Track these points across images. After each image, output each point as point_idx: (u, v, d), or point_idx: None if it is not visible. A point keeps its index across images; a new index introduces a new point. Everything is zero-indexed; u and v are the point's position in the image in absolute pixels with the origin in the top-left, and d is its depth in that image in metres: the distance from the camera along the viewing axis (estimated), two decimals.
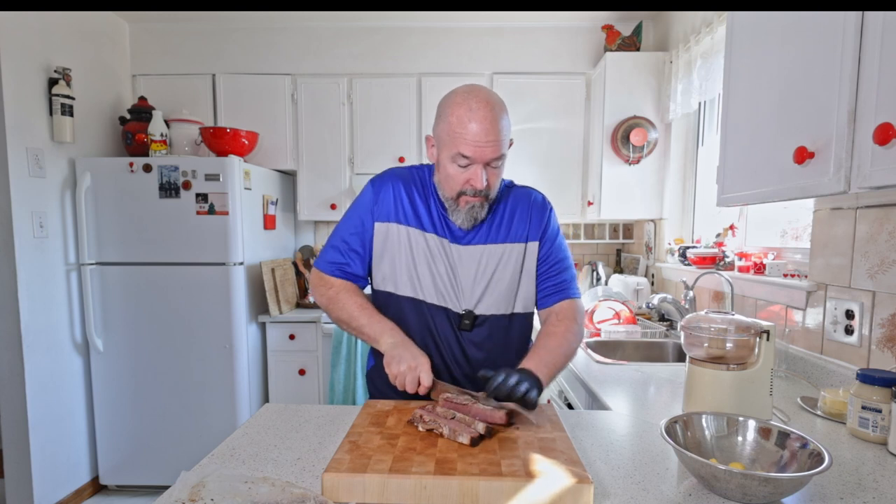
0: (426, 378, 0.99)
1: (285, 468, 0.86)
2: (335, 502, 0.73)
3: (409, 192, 1.12)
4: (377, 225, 1.12)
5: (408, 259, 1.11)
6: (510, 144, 1.10)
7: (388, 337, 1.06)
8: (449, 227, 1.12)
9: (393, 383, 1.02)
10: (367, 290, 1.20)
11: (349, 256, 1.14)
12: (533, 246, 1.14)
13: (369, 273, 1.18)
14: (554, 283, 1.15)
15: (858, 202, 1.28)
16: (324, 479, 0.74)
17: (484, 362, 1.14)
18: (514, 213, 1.14)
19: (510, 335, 1.16)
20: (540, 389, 0.96)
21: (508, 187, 1.20)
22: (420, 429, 0.90)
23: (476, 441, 0.84)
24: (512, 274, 1.13)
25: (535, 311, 1.21)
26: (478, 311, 1.12)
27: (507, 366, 1.10)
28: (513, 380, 0.92)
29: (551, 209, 1.19)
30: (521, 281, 1.14)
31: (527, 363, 1.01)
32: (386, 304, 1.15)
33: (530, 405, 0.92)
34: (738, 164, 1.23)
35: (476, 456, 0.80)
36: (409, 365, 1.00)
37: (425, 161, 2.23)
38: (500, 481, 0.73)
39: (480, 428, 0.86)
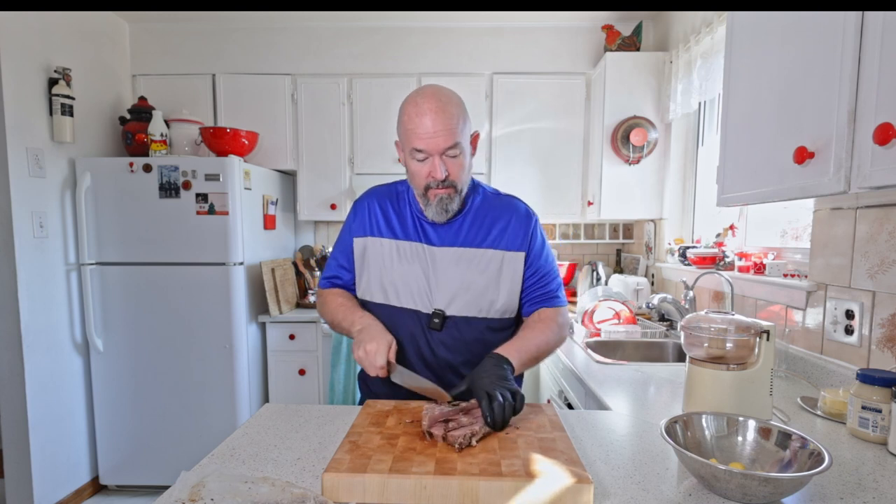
0: (379, 359, 1.01)
1: (285, 468, 0.86)
2: (335, 502, 0.73)
3: (384, 206, 1.19)
4: (355, 240, 1.20)
5: (380, 267, 1.16)
6: (476, 137, 1.13)
7: (357, 324, 1.10)
8: (425, 232, 1.15)
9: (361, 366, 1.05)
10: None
11: (338, 271, 1.24)
12: (514, 256, 1.14)
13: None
14: (540, 293, 1.17)
15: (858, 202, 1.28)
16: (324, 479, 0.74)
17: (455, 363, 1.15)
18: (495, 220, 1.16)
19: (484, 338, 1.16)
20: (511, 368, 1.00)
21: (492, 194, 1.21)
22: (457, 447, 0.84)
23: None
24: (488, 279, 1.13)
25: (521, 317, 1.22)
26: (449, 312, 1.13)
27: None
28: (499, 401, 0.90)
29: (536, 220, 1.20)
30: (498, 287, 1.14)
31: (500, 349, 1.04)
32: (368, 312, 1.21)
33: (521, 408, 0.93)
34: (738, 164, 1.23)
35: (476, 456, 0.80)
36: (366, 348, 1.02)
37: None
38: (500, 481, 0.73)
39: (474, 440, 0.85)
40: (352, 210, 1.24)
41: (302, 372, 2.65)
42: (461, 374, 1.16)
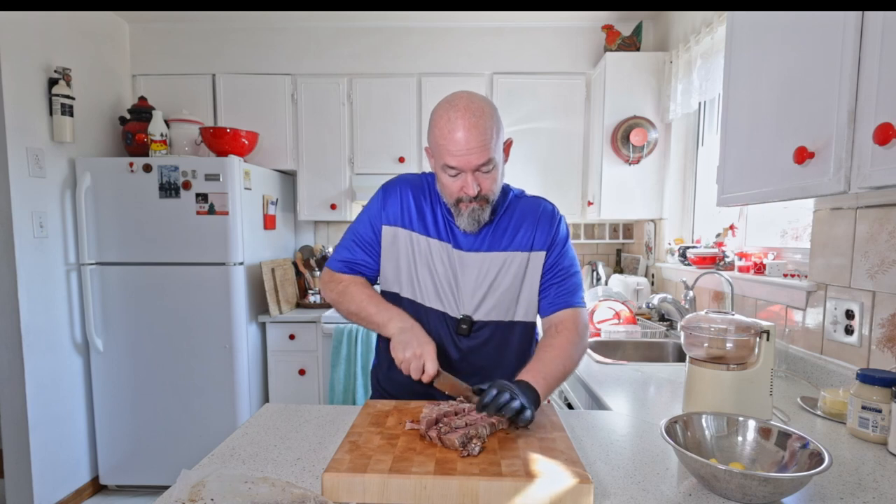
0: (430, 366, 0.99)
1: (285, 468, 0.86)
2: (335, 502, 0.73)
3: (417, 198, 1.15)
4: (385, 228, 1.14)
5: (410, 262, 1.13)
6: (509, 144, 1.10)
7: (398, 322, 1.07)
8: (453, 233, 1.13)
9: (399, 367, 1.02)
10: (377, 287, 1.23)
11: (357, 254, 1.17)
12: (538, 255, 1.13)
13: (378, 273, 1.21)
14: (557, 291, 1.14)
15: (858, 202, 1.28)
16: (324, 479, 0.74)
17: (481, 367, 1.15)
18: (521, 222, 1.14)
19: (509, 342, 1.16)
20: (537, 404, 0.94)
21: (518, 196, 1.19)
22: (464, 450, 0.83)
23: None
24: (513, 282, 1.12)
25: (538, 318, 1.21)
26: (476, 317, 1.12)
27: (504, 372, 1.10)
28: (506, 396, 0.88)
29: (561, 218, 1.18)
30: (522, 289, 1.13)
31: (524, 375, 1.00)
32: (392, 304, 1.18)
33: (522, 423, 0.88)
34: (738, 164, 1.23)
35: (476, 456, 0.80)
36: (415, 352, 0.99)
37: (426, 163, 2.23)
38: (500, 481, 0.73)
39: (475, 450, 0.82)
40: (383, 194, 1.17)
41: (302, 372, 2.64)
42: (487, 377, 1.12)
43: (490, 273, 1.11)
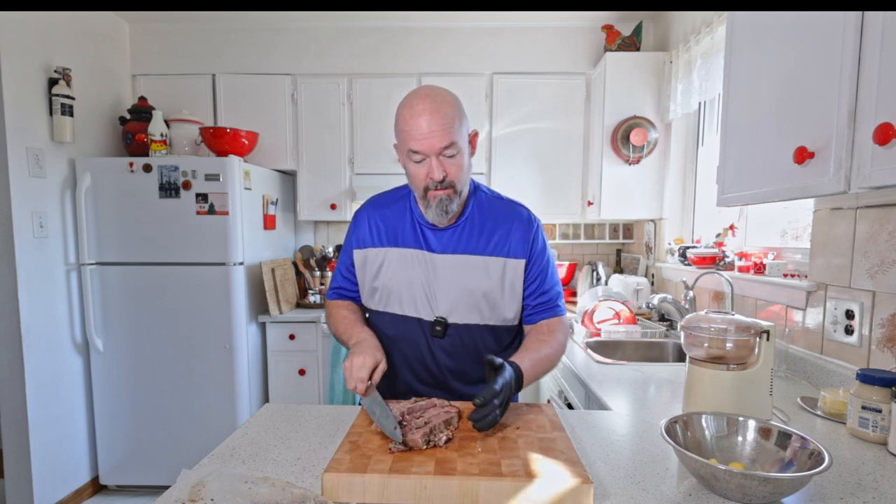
0: (361, 372, 0.97)
1: (285, 468, 0.86)
2: (335, 502, 0.73)
3: (383, 215, 1.19)
4: (355, 252, 1.20)
5: (381, 276, 1.16)
6: (474, 136, 1.11)
7: (354, 338, 1.10)
8: (425, 238, 1.14)
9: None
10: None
11: (342, 282, 1.26)
12: (515, 263, 1.13)
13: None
14: (542, 300, 1.16)
15: (858, 202, 1.28)
16: (324, 479, 0.74)
17: (457, 370, 1.15)
18: (496, 226, 1.14)
19: (485, 346, 1.15)
20: (518, 388, 0.98)
21: (496, 199, 1.19)
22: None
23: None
24: (489, 286, 1.12)
25: (522, 325, 1.21)
26: (451, 320, 1.12)
27: (480, 376, 1.11)
28: (494, 414, 0.89)
29: (538, 226, 1.18)
30: (500, 295, 1.13)
31: (518, 359, 1.02)
32: (372, 319, 1.23)
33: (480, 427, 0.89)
34: (738, 164, 1.24)
35: (476, 456, 0.80)
36: (353, 361, 0.98)
37: None
38: (500, 481, 0.73)
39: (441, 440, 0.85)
40: (352, 222, 1.24)
41: (302, 372, 2.64)
42: (465, 379, 1.16)
43: (464, 276, 1.11)
